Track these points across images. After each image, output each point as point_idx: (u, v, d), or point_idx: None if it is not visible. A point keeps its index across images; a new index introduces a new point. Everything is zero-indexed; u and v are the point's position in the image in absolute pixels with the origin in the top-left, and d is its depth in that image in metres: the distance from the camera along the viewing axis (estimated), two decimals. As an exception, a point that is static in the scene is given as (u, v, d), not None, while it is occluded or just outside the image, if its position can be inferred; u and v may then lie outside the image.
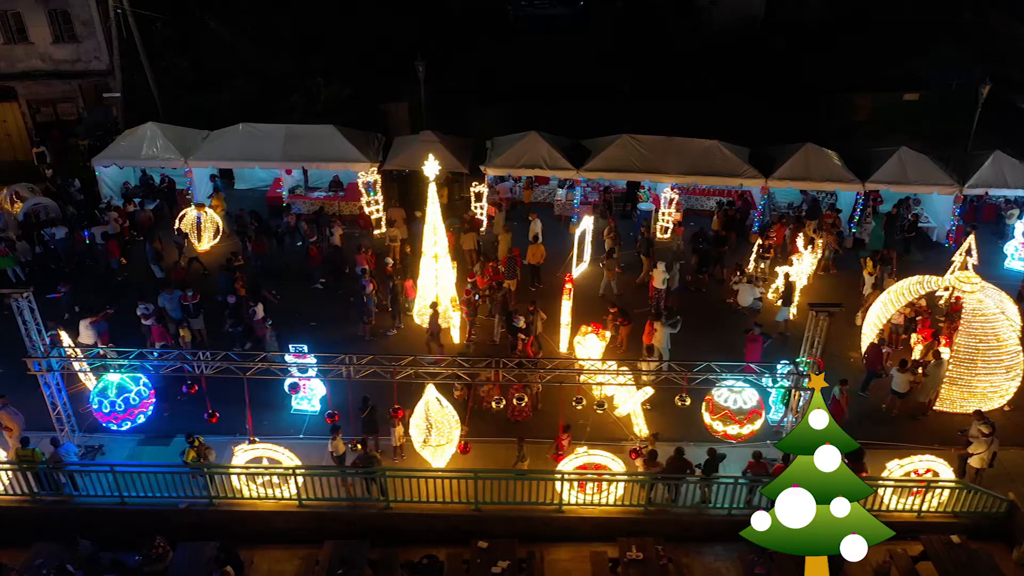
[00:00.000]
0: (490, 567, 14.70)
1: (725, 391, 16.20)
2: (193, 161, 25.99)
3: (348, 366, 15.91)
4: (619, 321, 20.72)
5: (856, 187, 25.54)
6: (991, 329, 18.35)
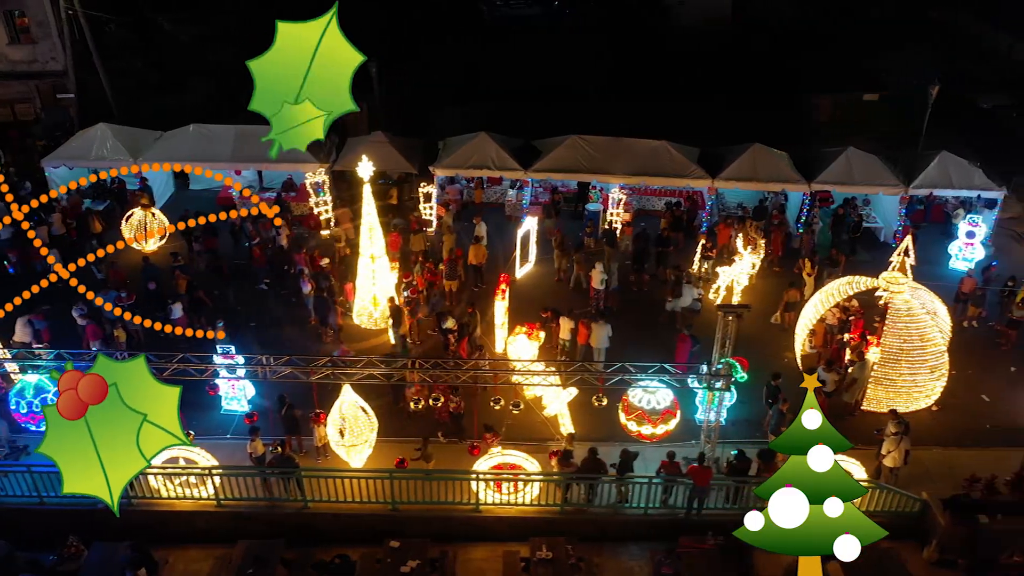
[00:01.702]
0: (400, 567, 14.81)
1: (640, 392, 16.31)
2: (143, 162, 26.02)
3: (264, 367, 15.99)
4: (553, 322, 20.83)
5: (802, 187, 25.63)
6: (916, 329, 18.45)
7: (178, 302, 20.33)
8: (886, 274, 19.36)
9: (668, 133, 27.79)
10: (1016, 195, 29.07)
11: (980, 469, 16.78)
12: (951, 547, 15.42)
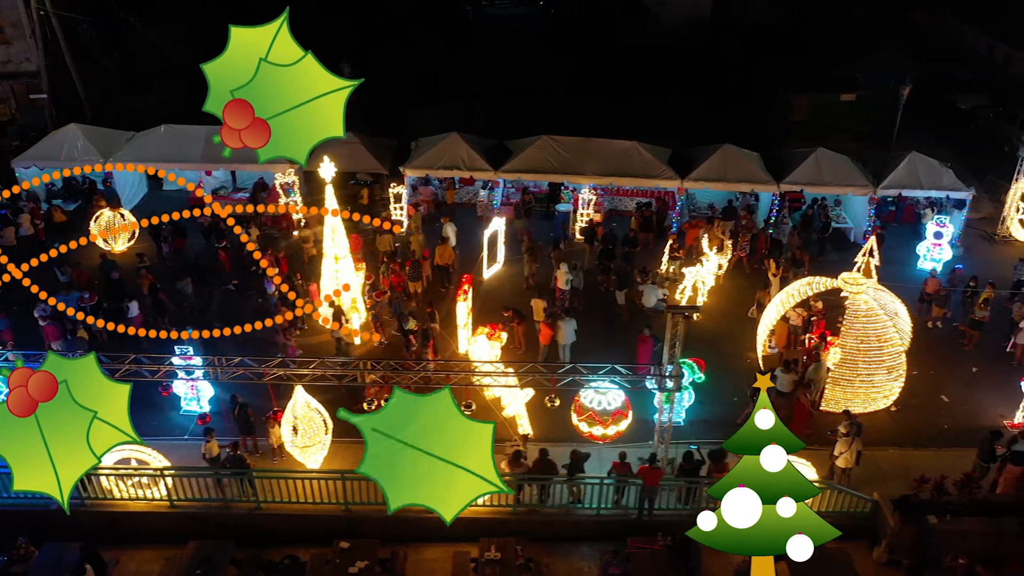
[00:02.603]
0: (348, 568, 14.84)
1: (591, 393, 16.34)
2: (114, 163, 26.04)
3: (216, 367, 16.01)
4: (515, 321, 20.87)
5: (771, 188, 25.68)
6: (873, 330, 18.50)
7: (135, 300, 20.36)
8: (845, 275, 19.40)
9: (645, 134, 27.86)
10: (989, 195, 29.16)
11: (935, 470, 16.77)
12: (900, 548, 15.45)
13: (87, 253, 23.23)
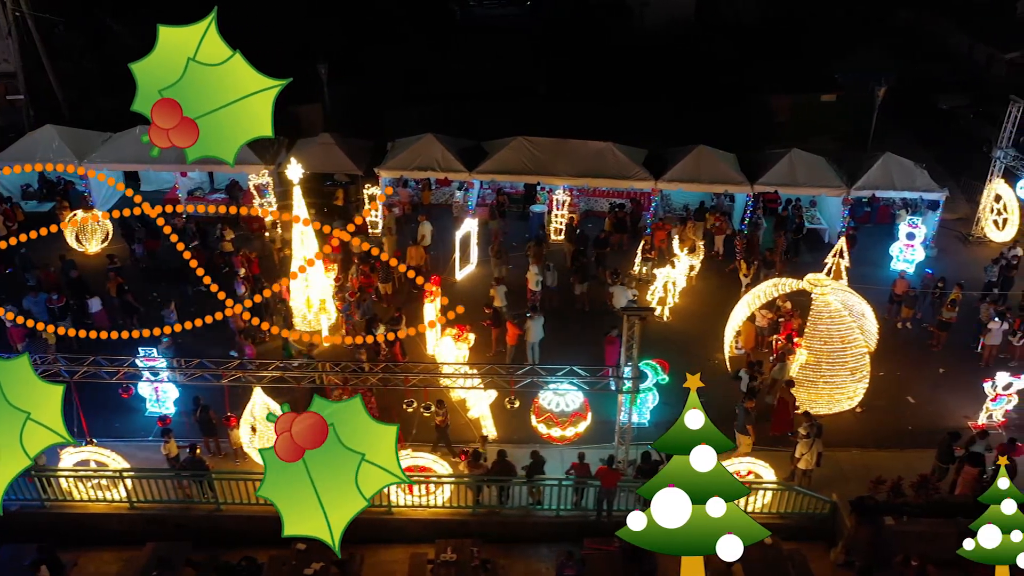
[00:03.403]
0: (304, 569, 14.86)
1: (550, 394, 16.36)
2: (88, 164, 26.08)
3: (175, 369, 16.03)
4: (487, 323, 20.91)
5: (745, 189, 25.70)
6: (836, 331, 18.55)
7: (96, 296, 20.43)
8: (811, 276, 19.44)
9: (627, 134, 27.89)
10: (965, 196, 29.21)
11: (896, 471, 16.79)
12: (856, 549, 15.47)
13: (52, 255, 23.39)
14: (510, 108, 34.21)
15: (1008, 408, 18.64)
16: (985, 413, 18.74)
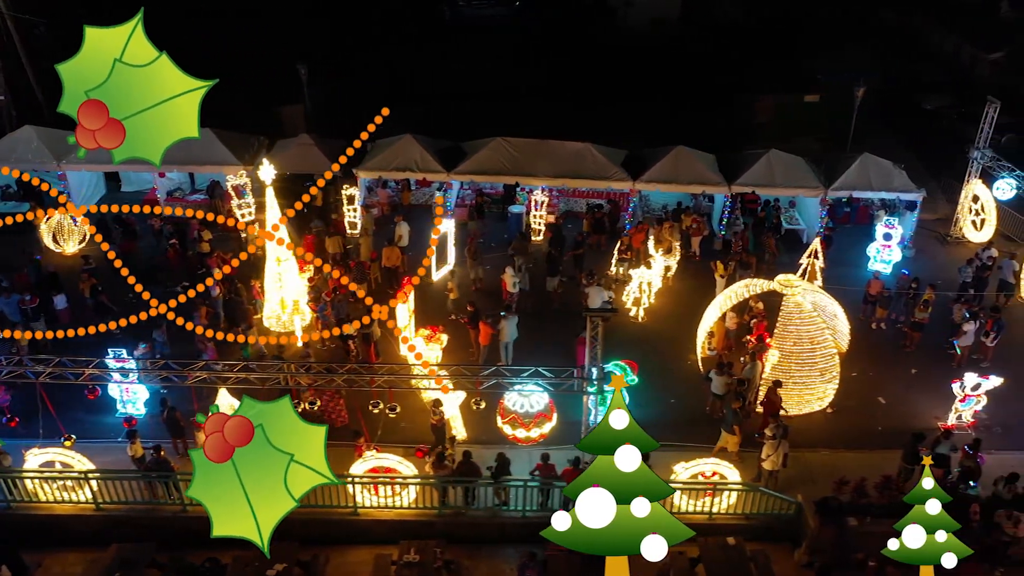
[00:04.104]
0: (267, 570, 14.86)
1: (515, 395, 16.37)
2: (67, 164, 26.10)
3: (141, 371, 16.03)
4: (464, 321, 20.93)
5: (723, 189, 25.72)
6: (806, 332, 18.58)
7: (62, 294, 20.45)
8: (781, 277, 19.46)
9: (610, 135, 27.93)
10: (945, 196, 29.23)
11: (864, 471, 16.83)
12: (820, 549, 15.48)
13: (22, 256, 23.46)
14: (496, 108, 34.21)
15: (977, 409, 18.66)
16: (954, 414, 18.77)
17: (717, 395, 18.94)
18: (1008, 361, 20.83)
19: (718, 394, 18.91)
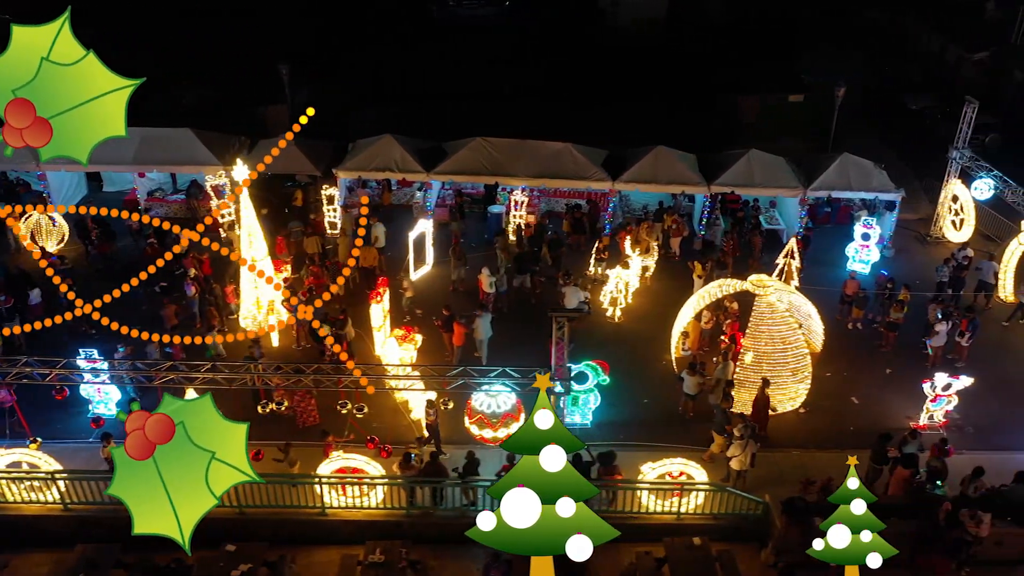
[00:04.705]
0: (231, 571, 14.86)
1: (482, 395, 16.36)
2: (46, 165, 26.05)
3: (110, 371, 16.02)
4: (438, 323, 20.92)
5: (702, 190, 25.71)
6: (778, 332, 18.58)
7: (36, 288, 20.48)
8: (753, 277, 19.46)
9: (594, 135, 27.94)
10: (928, 196, 29.25)
11: (833, 472, 16.78)
12: (786, 549, 15.45)
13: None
14: (482, 108, 34.19)
15: (948, 409, 18.67)
16: (926, 414, 18.77)
17: (689, 395, 18.95)
18: (983, 361, 20.87)
19: (690, 394, 18.92)
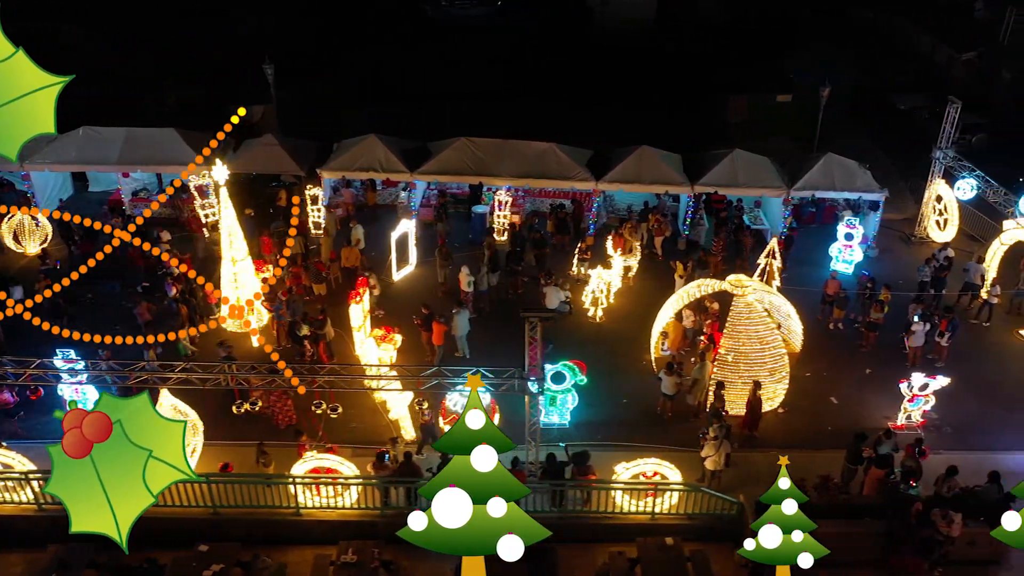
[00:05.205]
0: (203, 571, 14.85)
1: (455, 395, 16.35)
2: (30, 165, 26.09)
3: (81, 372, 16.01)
4: (418, 322, 20.93)
5: (685, 190, 25.71)
6: (755, 332, 18.58)
7: (19, 285, 20.49)
8: (732, 277, 19.46)
9: (582, 135, 27.99)
10: (914, 196, 29.24)
11: (808, 472, 16.81)
12: (759, 549, 15.45)
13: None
14: (471, 108, 34.23)
15: (926, 408, 18.67)
16: (903, 414, 18.77)
17: (667, 395, 18.95)
18: (964, 362, 20.88)
19: (668, 394, 18.91)
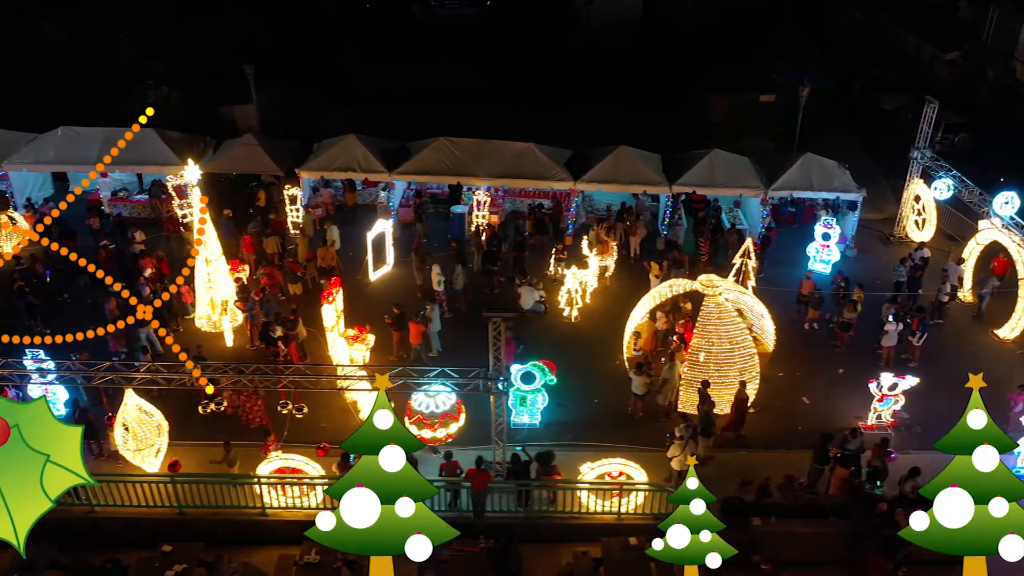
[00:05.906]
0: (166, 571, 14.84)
1: (421, 396, 16.34)
2: (8, 165, 26.08)
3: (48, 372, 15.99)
4: (389, 322, 20.91)
5: (663, 190, 25.70)
6: (725, 332, 18.56)
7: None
8: (703, 277, 19.45)
9: (565, 135, 27.97)
10: (895, 196, 29.21)
11: (777, 472, 16.89)
12: (724, 549, 15.45)
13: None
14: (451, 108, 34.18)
15: (896, 408, 18.66)
16: (873, 414, 18.76)
17: (638, 395, 18.94)
18: (937, 362, 20.85)
19: (638, 394, 18.90)
